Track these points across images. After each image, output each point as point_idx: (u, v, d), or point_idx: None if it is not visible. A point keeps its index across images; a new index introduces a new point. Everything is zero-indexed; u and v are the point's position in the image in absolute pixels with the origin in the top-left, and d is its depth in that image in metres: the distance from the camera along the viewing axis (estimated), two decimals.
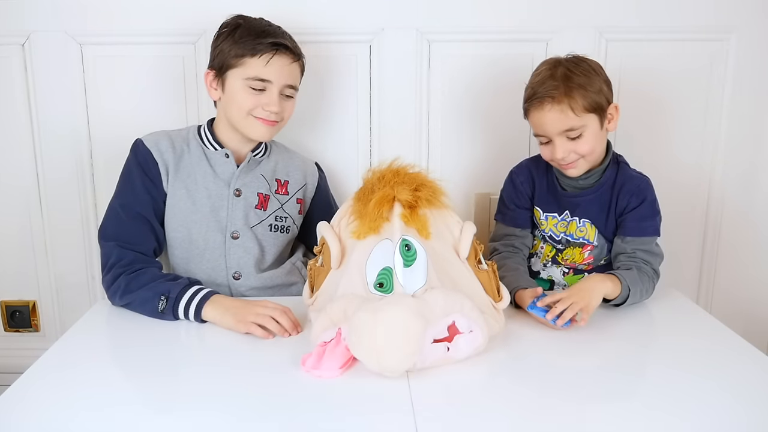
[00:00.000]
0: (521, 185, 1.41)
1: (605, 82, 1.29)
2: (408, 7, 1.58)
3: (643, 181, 1.33)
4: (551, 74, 1.26)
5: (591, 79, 1.26)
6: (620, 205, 1.32)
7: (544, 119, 1.27)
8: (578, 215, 1.35)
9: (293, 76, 1.36)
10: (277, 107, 1.33)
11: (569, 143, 1.27)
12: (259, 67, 1.31)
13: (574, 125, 1.25)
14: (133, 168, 1.33)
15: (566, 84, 1.24)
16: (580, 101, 1.24)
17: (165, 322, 1.19)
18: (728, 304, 1.75)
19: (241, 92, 1.32)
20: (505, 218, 1.43)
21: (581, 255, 1.37)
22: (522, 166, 1.44)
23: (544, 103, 1.25)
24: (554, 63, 1.29)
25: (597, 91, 1.26)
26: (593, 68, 1.28)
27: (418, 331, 0.94)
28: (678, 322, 1.23)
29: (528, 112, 1.31)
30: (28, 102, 1.61)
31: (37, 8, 1.55)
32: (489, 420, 0.88)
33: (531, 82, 1.30)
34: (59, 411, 0.90)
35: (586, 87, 1.24)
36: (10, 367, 1.58)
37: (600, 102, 1.26)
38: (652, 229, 1.31)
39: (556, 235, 1.38)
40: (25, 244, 1.69)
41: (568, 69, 1.26)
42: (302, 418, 0.88)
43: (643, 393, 0.95)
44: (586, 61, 1.29)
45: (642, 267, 1.27)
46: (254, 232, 1.38)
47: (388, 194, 1.08)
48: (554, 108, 1.25)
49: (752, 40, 1.61)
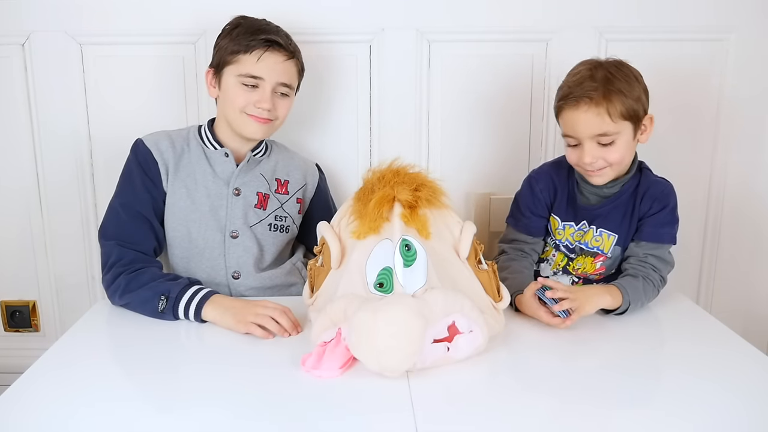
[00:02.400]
0: (541, 193, 1.35)
1: (644, 91, 1.24)
2: (408, 7, 1.58)
3: (667, 186, 1.31)
4: (591, 75, 1.21)
5: (631, 85, 1.21)
6: (642, 209, 1.29)
7: (577, 120, 1.21)
8: (596, 225, 1.32)
9: (287, 74, 1.36)
10: (269, 104, 1.33)
11: (599, 149, 1.22)
12: (252, 63, 1.31)
13: (609, 131, 1.20)
14: (133, 167, 1.34)
15: (606, 86, 1.19)
16: (619, 106, 1.19)
17: (165, 322, 1.19)
18: (728, 304, 1.75)
19: (235, 89, 1.33)
20: (518, 224, 1.38)
21: (593, 265, 1.34)
22: (543, 171, 1.38)
23: (580, 103, 1.20)
24: (595, 64, 1.24)
25: (636, 98, 1.21)
26: (634, 75, 1.24)
27: (419, 331, 0.93)
28: (678, 322, 1.23)
29: (560, 111, 1.25)
30: (28, 102, 1.61)
31: (37, 8, 1.55)
32: (489, 420, 0.88)
33: (567, 81, 1.25)
34: (59, 411, 0.90)
35: (625, 93, 1.20)
36: (10, 367, 1.58)
37: (637, 110, 1.22)
38: (669, 237, 1.29)
39: (571, 244, 1.35)
40: (25, 244, 1.69)
41: (609, 72, 1.21)
42: (302, 418, 0.88)
43: (643, 393, 0.95)
44: (628, 66, 1.25)
45: (650, 274, 1.26)
46: (253, 232, 1.38)
47: (388, 194, 1.08)
48: (591, 110, 1.19)
49: (752, 40, 1.61)
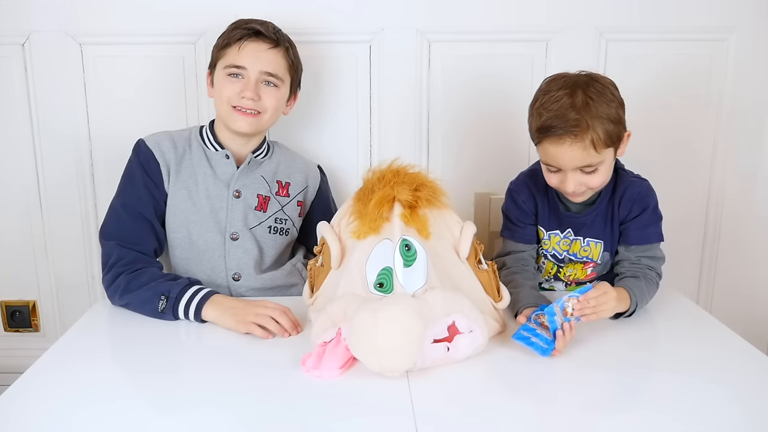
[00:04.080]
0: (524, 204, 1.32)
1: (621, 105, 1.19)
2: (408, 7, 1.58)
3: (644, 186, 1.28)
4: (571, 102, 1.14)
5: (610, 105, 1.15)
6: (622, 213, 1.27)
7: (561, 155, 1.16)
8: (583, 234, 1.30)
9: (273, 63, 1.35)
10: (252, 93, 1.32)
11: (582, 176, 1.19)
12: (234, 54, 1.33)
13: (593, 162, 1.16)
14: (135, 168, 1.34)
15: (588, 114, 1.13)
16: (602, 135, 1.14)
17: (165, 322, 1.19)
18: (728, 304, 1.75)
19: (222, 81, 1.34)
20: (515, 236, 1.34)
21: (584, 271, 1.34)
22: (520, 182, 1.35)
23: (564, 138, 1.14)
24: (570, 85, 1.16)
25: (616, 120, 1.16)
26: (610, 90, 1.18)
27: (419, 331, 0.93)
28: (678, 322, 1.23)
29: (541, 142, 1.19)
30: (28, 102, 1.61)
31: (37, 8, 1.55)
32: (489, 420, 0.88)
33: (545, 106, 1.16)
34: (59, 411, 0.90)
35: (608, 117, 1.14)
36: (10, 367, 1.58)
37: (619, 133, 1.18)
38: (656, 236, 1.28)
39: (559, 254, 1.33)
40: (25, 243, 1.69)
41: (587, 95, 1.14)
42: (302, 418, 0.88)
43: (643, 393, 0.95)
44: (602, 79, 1.19)
45: (647, 274, 1.25)
46: (253, 234, 1.37)
47: (388, 194, 1.08)
48: (575, 145, 1.14)
49: (752, 40, 1.61)
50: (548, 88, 1.19)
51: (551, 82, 1.20)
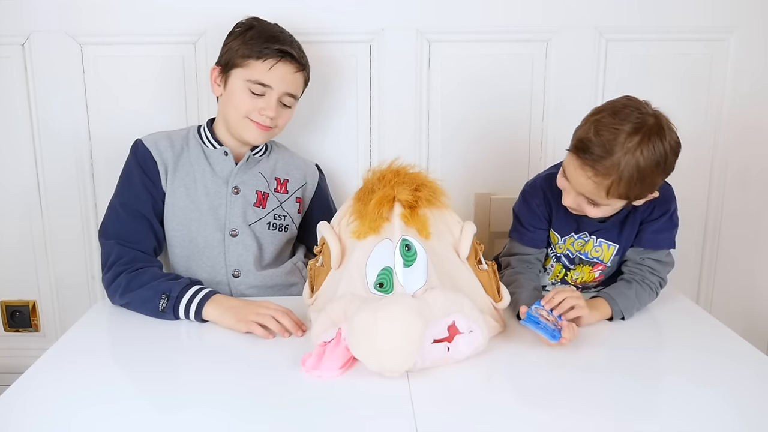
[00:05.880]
0: (537, 208, 1.30)
1: (665, 173, 1.13)
2: (408, 7, 1.58)
3: (668, 190, 1.25)
4: (622, 144, 1.07)
5: (655, 172, 1.10)
6: (643, 213, 1.25)
7: (576, 175, 1.13)
8: (596, 235, 1.29)
9: (295, 85, 1.37)
10: (274, 113, 1.33)
11: (583, 201, 1.17)
12: (263, 71, 1.31)
13: (598, 200, 1.14)
14: (132, 167, 1.34)
15: (626, 165, 1.07)
16: (622, 191, 1.11)
17: (165, 322, 1.19)
18: (728, 304, 1.75)
19: (241, 93, 1.33)
20: (523, 239, 1.32)
21: (591, 274, 1.33)
22: (536, 186, 1.32)
23: (587, 165, 1.10)
24: (637, 127, 1.08)
25: (649, 185, 1.13)
26: (668, 156, 1.10)
27: (419, 331, 0.94)
28: (678, 322, 1.23)
29: (571, 150, 1.15)
30: (28, 102, 1.61)
31: (37, 8, 1.55)
32: (489, 420, 0.88)
33: (600, 128, 1.09)
34: (59, 411, 0.90)
35: (641, 179, 1.09)
36: (10, 367, 1.58)
37: (642, 196, 1.15)
38: (668, 242, 1.27)
39: (572, 254, 1.31)
40: (25, 243, 1.69)
41: (640, 146, 1.07)
42: (302, 418, 0.88)
43: (643, 393, 0.95)
44: (666, 139, 1.09)
45: (646, 278, 1.25)
46: (253, 230, 1.38)
47: (388, 194, 1.08)
48: (592, 179, 1.11)
49: (752, 40, 1.61)
50: (618, 113, 1.11)
51: (626, 108, 1.11)
